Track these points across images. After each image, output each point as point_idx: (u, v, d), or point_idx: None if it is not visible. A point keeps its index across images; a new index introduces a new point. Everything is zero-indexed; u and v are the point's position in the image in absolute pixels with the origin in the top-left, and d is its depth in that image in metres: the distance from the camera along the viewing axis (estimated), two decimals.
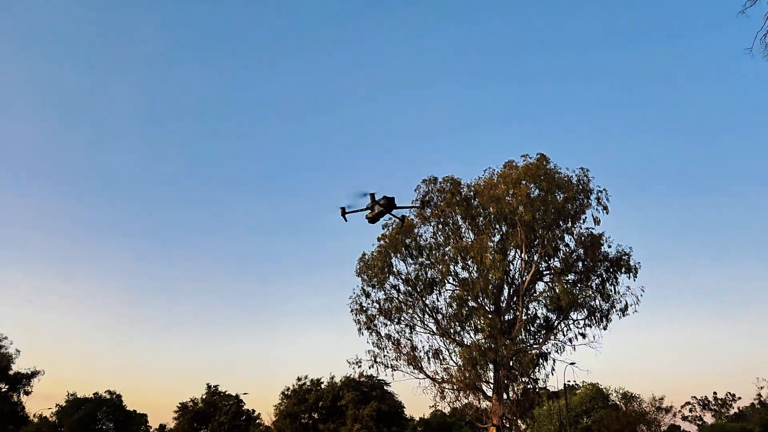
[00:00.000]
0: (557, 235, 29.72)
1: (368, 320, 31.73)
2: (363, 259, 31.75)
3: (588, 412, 59.16)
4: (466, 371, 29.21)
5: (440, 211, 30.85)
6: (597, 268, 30.29)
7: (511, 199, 29.51)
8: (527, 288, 30.03)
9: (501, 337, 28.53)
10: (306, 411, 50.66)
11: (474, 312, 30.19)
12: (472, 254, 29.20)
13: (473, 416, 31.76)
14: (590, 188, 29.49)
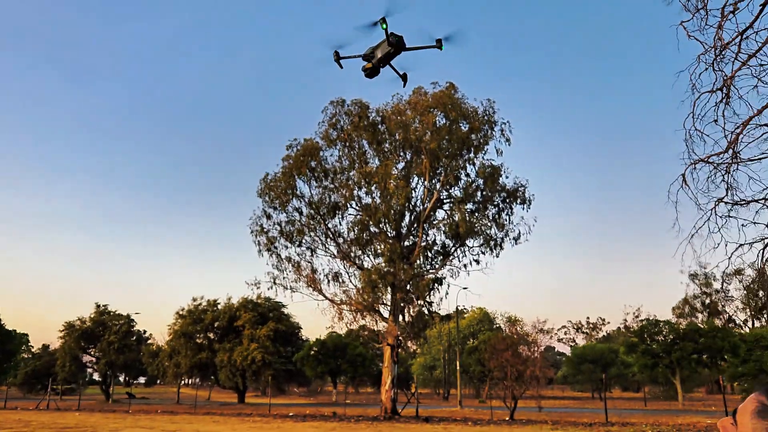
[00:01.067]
0: (460, 164, 30.33)
1: (269, 242, 31.42)
2: (266, 180, 31.06)
3: (475, 334, 62.92)
4: (365, 294, 29.85)
5: (347, 135, 30.50)
6: (494, 198, 31.35)
7: (418, 127, 29.64)
8: (428, 215, 30.70)
9: (400, 261, 29.22)
10: (202, 331, 50.31)
11: (375, 237, 30.63)
12: (377, 180, 29.30)
13: (369, 336, 32.79)
14: (495, 120, 30.12)
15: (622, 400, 51.79)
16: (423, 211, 30.54)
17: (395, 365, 29.67)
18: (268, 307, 50.16)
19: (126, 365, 57.24)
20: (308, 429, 21.92)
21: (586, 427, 23.55)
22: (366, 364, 54.02)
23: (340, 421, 25.83)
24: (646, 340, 43.35)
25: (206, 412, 32.86)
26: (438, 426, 23.79)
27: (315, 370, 52.16)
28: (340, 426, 23.01)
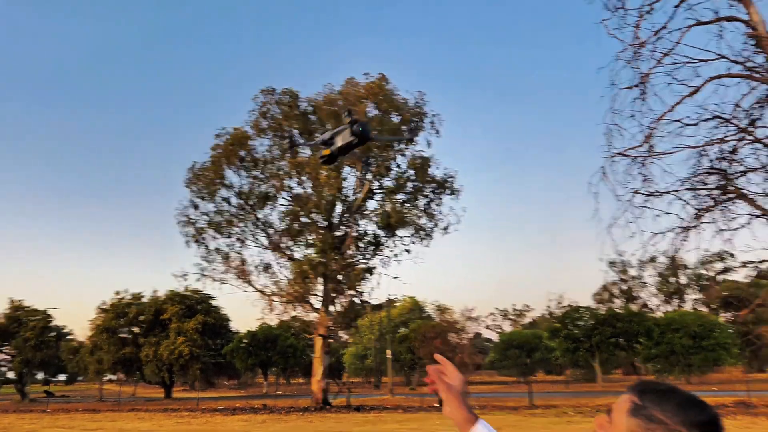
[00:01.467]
0: (391, 155, 30.50)
1: (197, 233, 30.69)
2: (193, 169, 30.26)
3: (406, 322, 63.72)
4: (296, 284, 29.68)
5: (277, 124, 30.07)
6: (425, 189, 31.75)
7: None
8: (359, 206, 30.77)
9: (332, 252, 29.18)
10: (125, 325, 48.60)
11: (306, 227, 30.45)
12: (308, 170, 29.09)
13: (300, 327, 32.64)
14: (425, 112, 30.44)
15: (545, 384, 53.79)
16: (355, 202, 30.58)
17: (327, 355, 29.69)
18: (196, 299, 49.00)
19: (44, 363, 54.66)
20: (238, 422, 21.65)
21: (512, 411, 24.34)
22: (297, 355, 53.71)
23: (270, 413, 25.64)
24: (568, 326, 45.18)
25: (131, 409, 31.86)
26: (369, 415, 24.00)
27: (245, 362, 51.46)
28: (270, 418, 22.85)
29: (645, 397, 1.10)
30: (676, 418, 1.04)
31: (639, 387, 1.13)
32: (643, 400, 1.09)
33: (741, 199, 24.39)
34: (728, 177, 24.73)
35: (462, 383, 1.55)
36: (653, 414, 1.06)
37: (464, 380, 1.56)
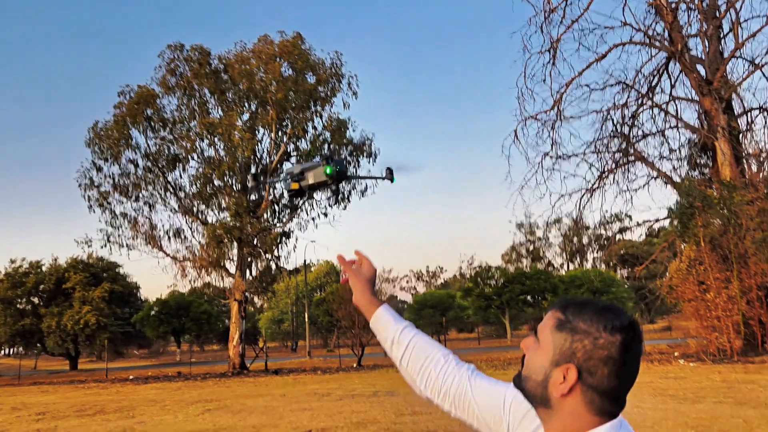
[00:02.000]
0: (307, 117, 29.95)
1: (101, 197, 29.07)
2: (95, 129, 28.45)
3: (323, 286, 63.87)
4: (210, 249, 28.89)
5: (186, 83, 28.70)
6: (342, 152, 31.49)
7: (263, 77, 28.66)
8: (275, 168, 30.13)
9: (246, 216, 28.53)
10: (24, 295, 45.75)
11: (220, 191, 29.55)
12: (220, 131, 28.06)
13: (214, 293, 31.94)
14: (342, 73, 29.97)
15: (458, 341, 55.80)
16: (270, 164, 29.91)
17: (243, 321, 29.27)
18: (101, 267, 46.79)
19: None
20: (151, 390, 21.03)
21: None
22: (212, 322, 52.75)
23: (185, 380, 25.10)
24: (480, 285, 46.82)
25: (33, 382, 30.25)
26: (288, 377, 24.00)
27: (156, 330, 49.99)
28: (186, 385, 22.36)
29: (567, 311, 1.13)
30: (598, 324, 1.08)
31: (561, 303, 1.16)
32: (566, 315, 1.12)
33: (641, 161, 25.86)
34: (629, 141, 26.14)
35: (372, 274, 1.63)
36: (577, 325, 1.10)
37: (375, 272, 1.65)
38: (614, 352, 1.07)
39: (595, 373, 1.08)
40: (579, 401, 1.10)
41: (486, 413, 1.37)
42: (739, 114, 23.98)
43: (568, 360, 1.10)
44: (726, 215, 20.20)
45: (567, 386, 1.09)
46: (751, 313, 20.00)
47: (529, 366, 1.16)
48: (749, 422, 8.90)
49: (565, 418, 1.11)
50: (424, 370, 1.48)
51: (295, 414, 12.44)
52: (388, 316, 1.55)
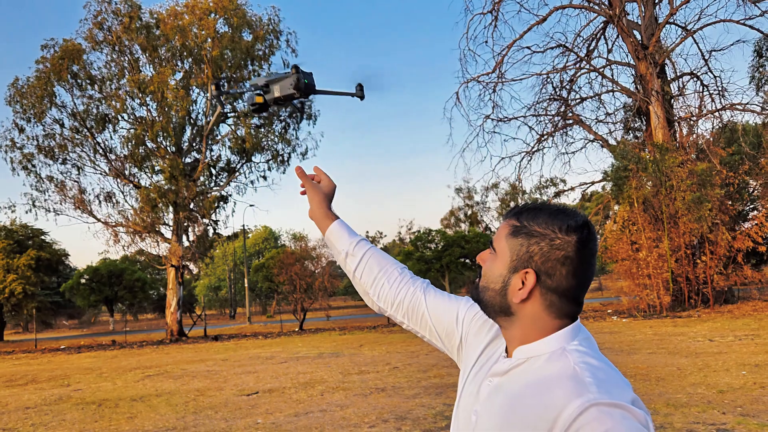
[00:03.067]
0: (245, 76, 28.97)
1: (24, 159, 27.41)
2: (15, 86, 26.61)
3: (261, 252, 63.05)
4: (144, 214, 27.85)
5: (115, 38, 27.15)
6: (280, 113, 30.75)
7: (198, 33, 27.44)
8: (211, 129, 29.14)
9: (182, 179, 27.56)
10: None
11: (153, 153, 28.36)
12: (152, 89, 26.79)
13: (150, 259, 30.92)
14: (280, 30, 29.06)
15: None
16: (206, 125, 28.88)
17: (180, 287, 28.52)
18: (26, 234, 44.48)
19: None
20: (85, 359, 20.26)
21: (371, 329, 25.19)
22: (146, 290, 51.25)
23: (121, 348, 24.33)
24: (420, 248, 47.24)
25: None
26: (228, 342, 23.62)
27: (87, 299, 48.17)
28: (122, 353, 21.66)
29: (521, 217, 1.12)
30: (553, 225, 1.08)
31: (514, 210, 1.15)
32: (521, 220, 1.12)
33: (578, 124, 26.38)
34: (568, 104, 26.58)
35: (331, 190, 1.62)
36: (533, 229, 1.09)
37: (334, 188, 1.62)
38: (571, 251, 1.07)
39: (553, 275, 1.07)
40: (539, 305, 1.09)
41: (438, 325, 1.39)
42: (672, 79, 24.70)
43: (525, 264, 1.09)
44: (658, 177, 20.92)
45: (526, 291, 1.08)
46: (680, 271, 20.95)
47: (486, 276, 1.15)
48: (683, 369, 9.29)
49: (526, 324, 1.10)
50: (377, 281, 1.48)
51: (239, 377, 12.20)
52: (343, 229, 1.55)
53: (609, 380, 0.99)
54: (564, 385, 0.99)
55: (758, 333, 13.38)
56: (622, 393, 0.96)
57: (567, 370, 1.02)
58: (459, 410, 1.22)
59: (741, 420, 5.98)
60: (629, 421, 0.91)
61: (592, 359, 1.04)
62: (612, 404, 0.93)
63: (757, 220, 22.30)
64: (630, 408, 0.93)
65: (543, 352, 1.08)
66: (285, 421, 7.59)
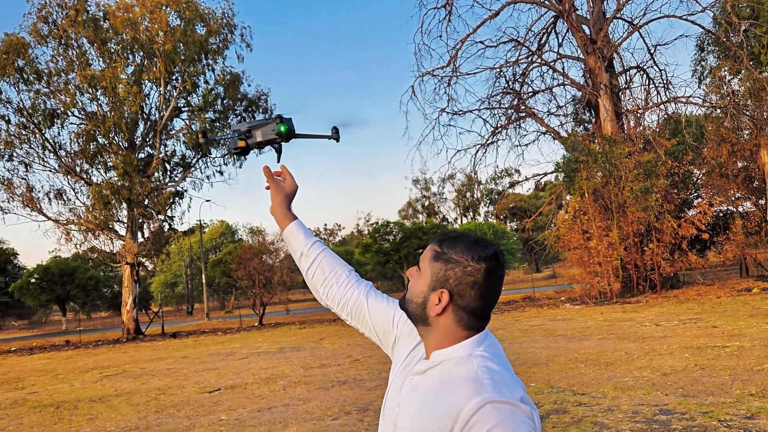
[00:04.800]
0: (198, 70, 28.55)
1: None
2: None
3: (218, 247, 62.30)
4: (96, 212, 27.26)
5: (62, 31, 26.38)
6: (236, 107, 30.47)
7: (149, 26, 26.90)
8: (165, 124, 28.66)
9: (136, 175, 27.06)
10: None
11: (105, 149, 27.74)
12: (103, 84, 26.18)
13: (104, 257, 30.31)
14: (235, 23, 28.71)
15: None
16: (159, 120, 28.38)
17: (136, 284, 28.07)
18: None
19: None
20: (39, 361, 19.83)
21: (332, 322, 25.33)
22: (100, 288, 50.14)
23: (76, 348, 23.85)
24: (379, 240, 47.49)
25: None
26: (187, 340, 23.43)
27: (38, 299, 46.83)
28: (77, 353, 21.27)
29: (443, 244, 1.31)
30: (467, 255, 1.27)
31: (438, 237, 1.34)
32: (442, 247, 1.30)
33: (531, 117, 26.96)
34: (520, 97, 27.13)
35: (293, 190, 1.77)
36: (450, 256, 1.28)
37: (296, 189, 1.77)
38: (480, 278, 1.26)
39: (464, 296, 1.26)
40: (450, 319, 1.28)
41: (377, 326, 1.60)
42: (619, 72, 25.48)
43: (442, 285, 1.27)
44: (607, 168, 21.62)
45: (441, 307, 1.27)
46: (628, 258, 21.74)
47: (411, 290, 1.34)
48: (630, 354, 9.76)
49: (440, 333, 1.30)
50: (327, 282, 1.67)
51: (200, 374, 12.21)
52: (300, 230, 1.72)
53: (503, 381, 1.18)
54: (466, 385, 1.18)
55: (701, 317, 14.07)
56: (512, 392, 1.16)
57: (470, 373, 1.21)
58: (386, 401, 1.43)
59: (682, 401, 6.39)
60: (516, 415, 1.12)
61: (493, 363, 1.23)
62: (504, 401, 1.13)
63: (700, 208, 23.30)
64: (518, 404, 1.13)
65: (453, 356, 1.27)
66: (248, 416, 7.70)
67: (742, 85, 23.79)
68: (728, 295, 18.63)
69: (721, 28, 23.57)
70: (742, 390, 6.61)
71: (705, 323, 12.77)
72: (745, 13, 22.76)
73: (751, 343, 9.60)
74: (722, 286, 21.96)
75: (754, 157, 25.52)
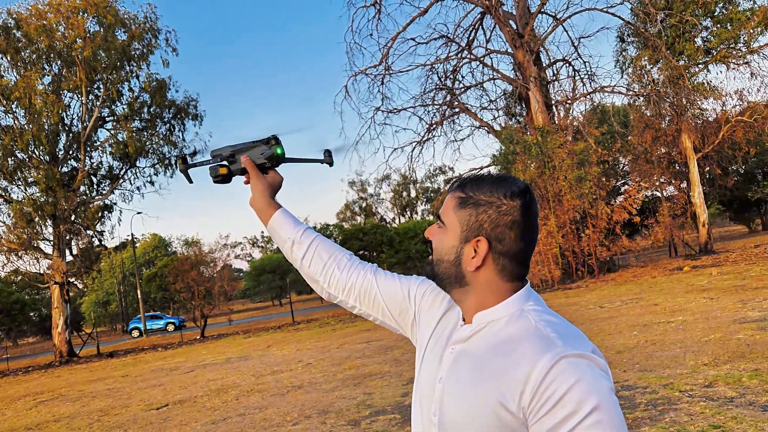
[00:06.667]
0: (122, 77, 27.41)
1: None
2: None
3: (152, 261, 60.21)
4: (19, 230, 25.72)
5: None
6: (164, 115, 29.44)
7: (66, 33, 25.61)
8: (89, 135, 27.35)
9: (60, 189, 25.68)
10: None
11: (24, 164, 26.22)
12: (18, 95, 24.73)
13: (29, 278, 28.65)
14: (158, 28, 27.70)
15: (300, 302, 55.98)
16: (83, 131, 27.06)
17: (67, 304, 26.63)
18: None
19: None
20: None
21: (277, 329, 24.83)
22: (26, 311, 47.50)
23: (4, 376, 22.39)
24: None
25: None
26: (126, 358, 22.42)
27: None
28: (5, 381, 19.96)
29: (466, 188, 1.16)
30: (498, 193, 1.12)
31: (457, 183, 1.19)
32: (466, 192, 1.15)
33: (464, 112, 27.30)
34: (453, 93, 27.43)
35: (276, 181, 1.57)
36: (479, 198, 1.13)
37: (280, 180, 1.58)
38: (517, 216, 1.11)
39: (503, 240, 1.12)
40: (492, 270, 1.13)
41: (391, 305, 1.41)
42: (547, 65, 26.14)
43: (476, 233, 1.12)
44: (542, 159, 22.11)
45: (480, 258, 1.12)
46: (567, 245, 22.31)
47: (439, 250, 1.18)
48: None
49: (482, 291, 1.14)
50: (327, 268, 1.48)
51: (144, 392, 11.63)
52: (287, 218, 1.53)
53: (570, 334, 1.05)
54: (530, 342, 1.04)
55: (641, 296, 14.53)
56: (583, 344, 1.03)
57: (530, 329, 1.07)
58: (420, 384, 1.25)
59: (641, 375, 6.48)
60: (594, 369, 0.99)
61: (551, 316, 1.10)
62: (578, 355, 1.00)
63: (629, 192, 24.19)
64: (593, 357, 1.01)
65: (502, 315, 1.12)
66: (203, 430, 7.33)
67: (662, 73, 24.86)
68: (662, 275, 19.37)
69: (638, 18, 24.56)
70: (696, 361, 6.78)
71: (646, 302, 13.18)
72: (661, 4, 23.80)
73: (693, 317, 9.93)
74: (655, 266, 22.85)
75: (676, 142, 26.73)
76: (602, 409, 0.96)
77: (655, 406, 5.23)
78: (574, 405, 0.96)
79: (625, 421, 1.07)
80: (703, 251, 25.86)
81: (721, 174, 29.76)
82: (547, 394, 0.98)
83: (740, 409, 4.78)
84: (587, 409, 0.95)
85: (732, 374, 5.89)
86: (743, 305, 10.25)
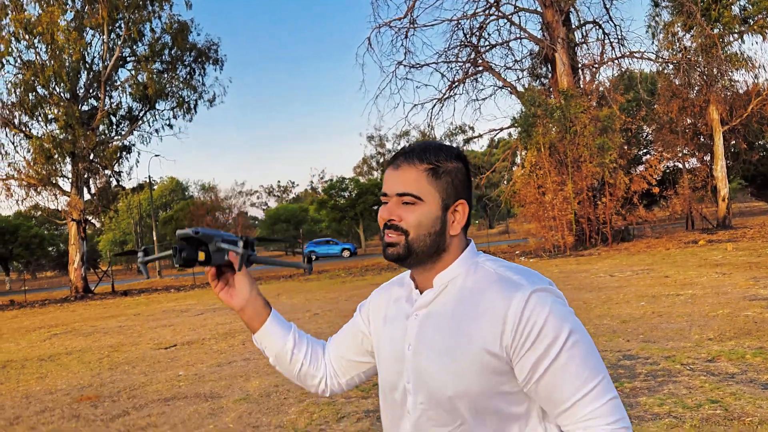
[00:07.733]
0: (144, 17, 27.15)
1: None
2: None
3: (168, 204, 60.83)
4: (38, 166, 26.02)
5: None
6: (185, 58, 29.26)
7: None
8: (109, 75, 27.30)
9: (80, 127, 25.81)
10: None
11: (45, 100, 26.29)
12: (41, 30, 24.64)
13: (48, 214, 29.12)
14: None
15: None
16: (103, 70, 27.00)
17: (83, 242, 27.09)
18: None
19: None
20: None
21: (288, 278, 25.13)
22: (45, 246, 48.44)
23: (21, 308, 23.00)
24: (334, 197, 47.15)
25: None
26: (139, 297, 22.89)
27: None
28: (22, 313, 20.51)
29: (428, 159, 1.15)
30: (451, 156, 1.16)
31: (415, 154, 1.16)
32: (433, 162, 1.15)
33: (488, 71, 26.78)
34: (478, 50, 26.86)
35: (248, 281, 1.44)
36: (447, 166, 1.15)
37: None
38: (467, 173, 1.20)
39: (470, 198, 1.19)
40: (461, 230, 1.19)
41: (356, 347, 1.39)
42: (576, 27, 25.43)
43: (455, 198, 1.16)
44: (563, 123, 21.73)
45: (464, 218, 1.18)
46: (582, 212, 22.12)
47: (420, 225, 1.14)
48: (588, 303, 9.91)
49: (456, 250, 1.18)
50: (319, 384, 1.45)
51: (155, 331, 11.88)
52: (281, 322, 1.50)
53: (529, 273, 1.13)
54: (498, 286, 1.10)
55: (652, 267, 14.44)
56: (542, 279, 1.11)
57: (492, 277, 1.13)
58: (386, 355, 1.25)
59: (644, 346, 6.47)
60: (556, 299, 1.08)
61: (504, 263, 1.17)
62: (542, 289, 1.08)
63: (651, 162, 23.80)
64: (552, 289, 1.10)
65: (459, 272, 1.17)
66: (208, 371, 7.49)
67: (694, 41, 24.11)
68: (676, 247, 19.21)
69: None
70: (700, 335, 6.75)
71: (657, 273, 13.10)
72: None
73: (702, 291, 9.86)
74: (670, 238, 22.64)
75: (702, 114, 26.11)
76: (575, 330, 1.06)
77: (655, 378, 5.24)
78: (553, 334, 1.04)
79: (624, 390, 1.10)
80: (720, 226, 25.55)
81: (746, 148, 29.15)
82: (527, 330, 1.05)
83: (740, 385, 4.76)
84: (565, 335, 1.05)
85: (736, 350, 5.86)
86: (755, 282, 10.15)
